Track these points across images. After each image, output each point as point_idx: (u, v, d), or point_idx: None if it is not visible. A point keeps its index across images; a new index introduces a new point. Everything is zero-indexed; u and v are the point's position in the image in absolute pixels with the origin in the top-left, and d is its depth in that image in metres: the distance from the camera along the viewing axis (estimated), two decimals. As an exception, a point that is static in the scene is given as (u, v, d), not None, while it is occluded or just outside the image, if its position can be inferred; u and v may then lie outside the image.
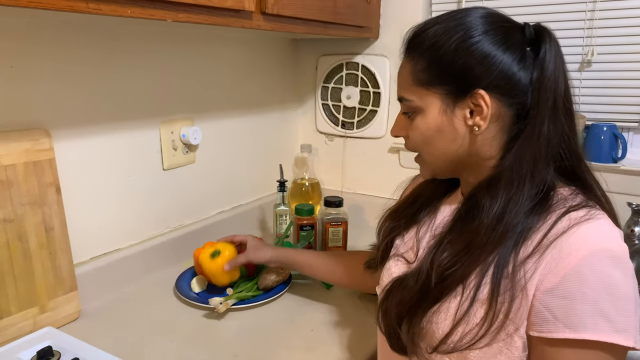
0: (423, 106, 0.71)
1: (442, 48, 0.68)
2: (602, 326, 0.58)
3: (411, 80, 0.72)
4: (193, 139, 1.32)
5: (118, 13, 0.78)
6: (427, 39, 0.70)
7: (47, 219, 1.00)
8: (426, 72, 0.70)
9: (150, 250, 1.27)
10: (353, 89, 1.66)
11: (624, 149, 1.30)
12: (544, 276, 0.61)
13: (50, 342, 0.86)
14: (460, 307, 0.66)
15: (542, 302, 0.61)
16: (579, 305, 0.59)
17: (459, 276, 0.66)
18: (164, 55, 1.26)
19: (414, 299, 0.70)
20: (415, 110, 0.72)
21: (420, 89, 0.71)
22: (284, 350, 0.97)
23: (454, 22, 0.69)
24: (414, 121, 0.73)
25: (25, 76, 0.99)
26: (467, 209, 0.71)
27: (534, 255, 0.63)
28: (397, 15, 1.55)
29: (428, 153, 0.74)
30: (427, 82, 0.70)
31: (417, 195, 0.85)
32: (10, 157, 0.94)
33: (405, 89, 0.73)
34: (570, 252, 0.60)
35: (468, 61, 0.67)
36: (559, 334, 0.60)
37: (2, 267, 0.93)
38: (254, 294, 1.15)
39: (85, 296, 1.09)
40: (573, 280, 0.59)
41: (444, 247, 0.69)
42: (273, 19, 1.11)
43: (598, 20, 1.30)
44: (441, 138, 0.71)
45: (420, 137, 0.73)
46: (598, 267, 0.59)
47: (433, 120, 0.71)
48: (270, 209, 1.58)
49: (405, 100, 0.73)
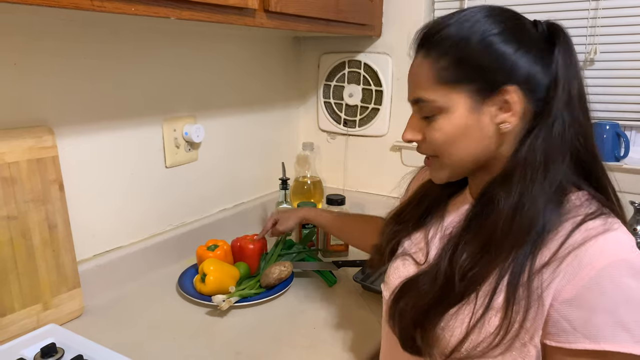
0: (448, 106, 0.68)
1: (469, 45, 0.66)
2: (621, 337, 0.58)
3: (434, 79, 0.68)
4: (195, 136, 1.32)
5: (122, 10, 0.78)
6: (449, 36, 0.67)
7: (51, 216, 1.00)
8: (451, 70, 0.67)
9: (152, 247, 1.27)
10: (355, 87, 1.66)
11: (626, 148, 1.30)
12: (562, 287, 0.61)
13: (53, 339, 0.86)
14: (475, 314, 0.65)
15: (560, 313, 0.61)
16: (598, 316, 0.59)
17: (479, 277, 0.65)
18: (167, 53, 1.26)
19: (432, 302, 0.68)
20: (436, 110, 0.69)
21: (445, 87, 0.67)
22: (287, 347, 0.98)
23: (473, 19, 0.68)
24: (436, 122, 0.69)
25: (29, 74, 0.99)
26: (482, 206, 0.69)
27: (551, 265, 0.62)
28: (400, 14, 1.55)
29: (450, 155, 0.70)
30: (453, 81, 0.67)
31: (423, 196, 0.83)
32: (14, 155, 0.94)
33: (425, 89, 0.69)
34: (589, 262, 0.60)
35: (497, 58, 0.66)
36: (578, 345, 0.60)
37: (6, 264, 0.93)
38: (256, 292, 1.15)
39: (88, 293, 1.09)
40: (592, 291, 0.59)
41: (462, 248, 0.68)
42: (276, 17, 1.11)
43: (601, 18, 1.30)
44: (466, 138, 0.69)
45: (443, 138, 0.69)
46: (617, 278, 0.59)
47: (460, 119, 0.68)
48: (272, 207, 1.58)
49: (424, 101, 0.69)
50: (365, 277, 1.23)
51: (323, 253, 1.40)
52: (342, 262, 1.28)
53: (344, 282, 1.25)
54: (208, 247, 1.23)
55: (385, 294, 0.83)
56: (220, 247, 1.23)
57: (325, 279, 1.24)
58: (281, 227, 1.26)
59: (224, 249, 1.23)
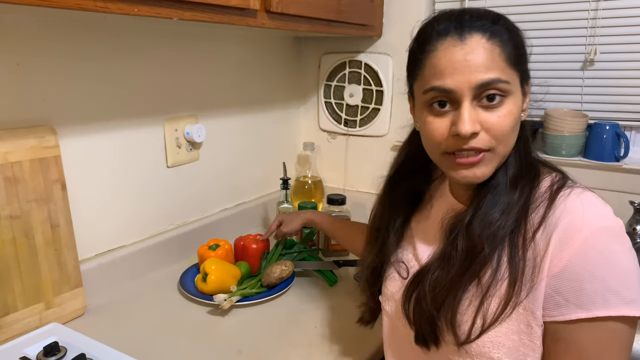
0: (514, 89, 0.66)
1: (520, 34, 0.69)
2: (611, 301, 0.60)
3: (505, 60, 0.65)
4: (197, 136, 1.33)
5: (125, 11, 0.79)
6: (504, 22, 0.68)
7: (53, 215, 1.01)
8: (515, 54, 0.66)
9: (154, 247, 1.28)
10: (356, 87, 1.66)
11: (626, 148, 1.30)
12: (550, 261, 0.63)
13: (56, 337, 0.86)
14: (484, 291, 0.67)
15: (551, 287, 0.63)
16: (587, 284, 0.61)
17: (499, 239, 0.67)
18: (168, 53, 1.27)
19: (454, 277, 0.69)
20: (507, 93, 0.65)
21: (512, 70, 0.66)
22: (288, 346, 0.98)
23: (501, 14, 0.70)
24: (505, 106, 0.65)
25: (32, 73, 1.00)
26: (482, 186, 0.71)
27: (539, 234, 0.65)
28: (401, 14, 1.55)
29: (508, 142, 0.68)
30: (515, 64, 0.66)
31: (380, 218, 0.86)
32: (17, 154, 0.94)
33: (498, 69, 0.64)
34: (573, 234, 0.62)
35: (525, 46, 0.70)
36: (572, 315, 0.62)
37: (9, 263, 0.94)
38: (257, 291, 1.16)
39: (90, 292, 1.09)
40: (579, 262, 0.61)
41: (481, 218, 0.69)
42: (277, 17, 1.11)
43: (601, 19, 1.31)
44: (519, 121, 0.69)
45: (512, 124, 0.66)
46: (600, 246, 0.62)
47: (520, 103, 0.68)
48: (273, 207, 1.59)
49: (501, 81, 0.64)
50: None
51: (324, 252, 1.41)
52: (342, 262, 1.29)
53: (344, 281, 1.25)
54: (209, 246, 1.24)
55: (386, 305, 0.84)
56: (222, 246, 1.23)
57: (326, 279, 1.24)
58: (285, 229, 1.26)
59: (225, 249, 1.23)
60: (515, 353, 0.66)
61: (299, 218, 1.27)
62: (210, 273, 1.13)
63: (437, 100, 0.67)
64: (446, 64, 0.65)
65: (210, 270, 1.13)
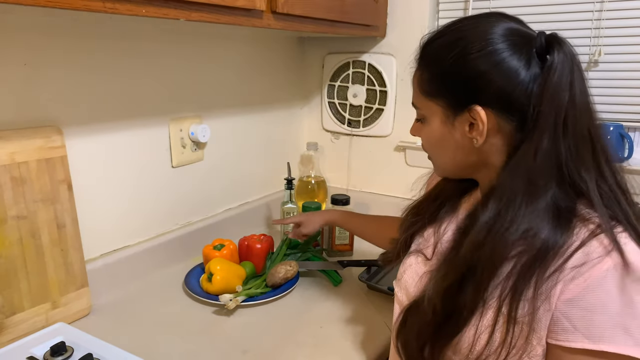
0: (427, 115, 0.74)
1: (443, 62, 0.69)
2: (621, 339, 0.59)
3: (418, 89, 0.74)
4: (202, 136, 1.33)
5: (133, 12, 0.79)
6: (432, 51, 0.72)
7: (59, 215, 1.01)
8: (429, 84, 0.72)
9: (159, 246, 1.28)
10: (359, 88, 1.66)
11: (630, 149, 1.31)
12: (564, 286, 0.61)
13: (62, 337, 0.87)
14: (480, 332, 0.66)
15: (561, 312, 0.61)
16: (599, 316, 0.59)
17: (470, 302, 0.65)
18: (173, 54, 1.27)
19: (431, 330, 0.69)
20: (423, 117, 0.76)
21: (425, 99, 0.73)
22: (293, 346, 0.98)
23: (459, 34, 0.68)
24: (423, 127, 0.76)
25: (38, 74, 1.00)
26: (468, 223, 0.70)
27: (555, 274, 0.62)
28: (404, 15, 1.55)
29: (436, 157, 0.78)
30: (430, 93, 0.72)
31: (439, 192, 0.85)
32: (24, 155, 0.95)
33: (415, 96, 0.76)
34: (594, 264, 0.60)
35: (465, 77, 0.67)
36: (577, 344, 0.60)
37: (16, 263, 0.94)
38: (262, 291, 1.16)
39: (95, 292, 1.10)
40: (594, 292, 0.59)
41: (445, 272, 0.68)
42: (283, 18, 1.11)
43: (605, 20, 1.31)
44: (444, 147, 0.74)
45: (427, 144, 0.78)
46: (620, 280, 0.59)
47: (436, 129, 0.73)
48: (277, 207, 1.59)
49: (415, 107, 0.77)
50: (371, 277, 1.23)
51: (328, 253, 1.41)
52: (347, 262, 1.29)
53: (349, 281, 1.25)
54: (214, 246, 1.24)
55: (398, 291, 0.84)
56: (227, 246, 1.24)
57: (330, 279, 1.25)
58: (305, 230, 1.25)
59: (230, 249, 1.23)
60: None
61: (321, 219, 1.26)
62: (215, 273, 1.13)
63: None
64: None
65: (215, 270, 1.13)
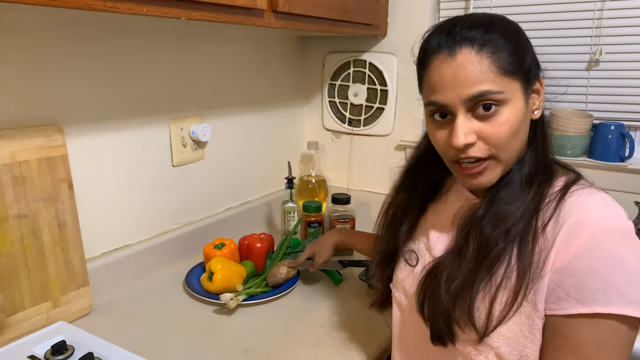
0: (511, 97, 0.67)
1: (519, 37, 0.69)
2: (613, 299, 0.61)
3: (496, 70, 0.66)
4: (202, 135, 1.33)
5: (134, 11, 0.79)
6: (499, 28, 0.68)
7: (60, 214, 1.01)
8: (509, 61, 0.67)
9: (160, 245, 1.28)
10: (360, 87, 1.66)
11: (631, 148, 1.30)
12: (555, 256, 0.64)
13: (63, 336, 0.87)
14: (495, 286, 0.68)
15: (554, 281, 0.64)
16: (590, 281, 0.61)
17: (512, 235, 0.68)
18: (174, 53, 1.27)
19: (468, 272, 0.70)
20: (501, 102, 0.67)
21: (506, 78, 0.67)
22: (294, 345, 0.98)
23: (502, 18, 0.71)
24: (501, 115, 0.67)
25: (39, 73, 1.00)
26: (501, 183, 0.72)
27: (547, 230, 0.66)
28: (405, 14, 1.55)
29: (510, 149, 0.69)
30: (512, 71, 0.67)
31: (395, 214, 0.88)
32: (25, 154, 0.95)
33: (489, 81, 0.66)
34: (580, 231, 0.63)
35: (532, 51, 0.71)
36: (572, 310, 0.62)
37: (17, 262, 0.94)
38: (263, 290, 1.16)
39: (96, 291, 1.10)
40: (583, 258, 0.62)
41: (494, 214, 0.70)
42: (284, 17, 1.11)
43: (606, 19, 1.31)
44: (524, 128, 0.70)
45: (511, 130, 0.68)
46: (607, 244, 0.62)
47: (521, 109, 0.68)
48: (277, 206, 1.59)
49: (492, 93, 0.66)
50: (371, 276, 1.23)
51: (328, 252, 1.41)
52: (348, 262, 1.29)
53: (349, 281, 1.25)
54: (215, 245, 1.24)
55: (395, 292, 0.84)
56: (227, 245, 1.24)
57: (331, 278, 1.25)
58: (321, 259, 1.20)
59: (230, 248, 1.23)
60: (515, 343, 0.67)
61: (330, 243, 1.22)
62: (216, 272, 1.13)
63: (438, 112, 0.70)
64: (437, 81, 0.68)
65: (216, 270, 1.13)
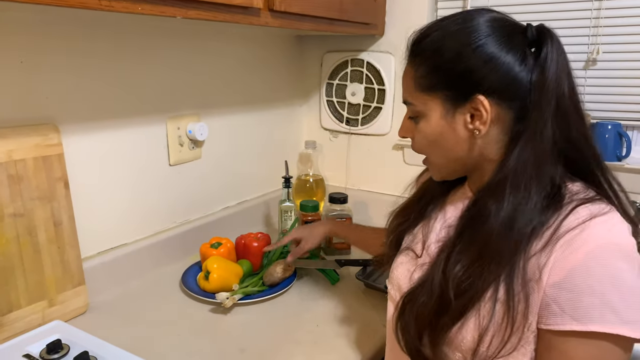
0: (425, 111, 0.72)
1: (443, 54, 0.69)
2: (608, 318, 0.59)
3: (413, 85, 0.73)
4: (199, 134, 1.33)
5: (129, 10, 0.79)
6: (428, 45, 0.71)
7: (56, 213, 1.01)
8: (427, 78, 0.71)
9: (156, 244, 1.28)
10: (358, 86, 1.66)
11: (628, 148, 1.30)
12: (551, 270, 0.62)
13: (59, 335, 0.86)
14: (483, 316, 0.66)
15: (549, 296, 0.62)
16: (585, 297, 0.60)
17: (477, 289, 0.65)
18: (171, 52, 1.27)
19: (432, 314, 0.68)
20: (418, 114, 0.73)
21: (422, 94, 0.72)
22: (290, 344, 0.98)
23: (456, 26, 0.70)
24: (418, 125, 0.74)
25: (35, 72, 1.00)
26: (475, 214, 0.70)
27: (545, 249, 0.63)
28: (403, 13, 1.55)
29: (434, 156, 0.76)
30: (428, 88, 0.71)
31: (424, 192, 0.86)
32: (21, 152, 0.95)
33: (409, 93, 0.74)
34: (578, 246, 0.61)
35: (467, 67, 0.67)
36: (566, 326, 0.61)
37: (12, 261, 0.94)
38: (259, 289, 1.16)
39: (92, 290, 1.10)
40: (580, 273, 0.60)
41: (455, 258, 0.68)
42: (280, 16, 1.11)
43: (604, 19, 1.31)
44: (444, 142, 0.72)
45: (425, 140, 0.74)
46: (605, 260, 0.60)
47: (435, 124, 0.72)
48: (275, 205, 1.59)
49: (408, 103, 0.75)
50: (368, 275, 1.24)
51: (326, 251, 1.41)
52: (344, 261, 1.29)
53: (346, 280, 1.25)
54: (212, 244, 1.24)
55: (390, 288, 0.84)
56: (224, 244, 1.24)
57: (328, 277, 1.25)
58: (308, 245, 1.20)
59: (227, 247, 1.24)
60: (506, 356, 0.65)
61: (320, 231, 1.21)
62: (212, 271, 1.13)
63: None
64: None
65: (212, 269, 1.13)
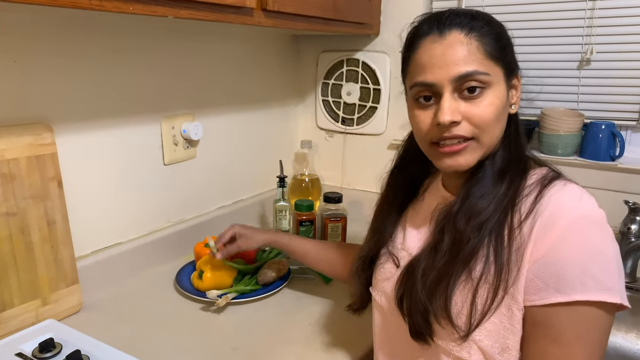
0: (495, 80, 0.69)
1: (496, 28, 0.71)
2: (589, 286, 0.62)
3: (483, 53, 0.68)
4: (194, 134, 1.33)
5: (120, 10, 0.79)
6: (484, 19, 0.71)
7: (49, 212, 1.01)
8: (495, 46, 0.69)
9: (151, 244, 1.28)
10: (353, 86, 1.67)
11: (621, 148, 1.31)
12: (533, 247, 0.65)
13: (52, 334, 0.87)
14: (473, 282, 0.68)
15: (533, 272, 0.65)
16: (567, 269, 0.63)
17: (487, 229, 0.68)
18: (166, 51, 1.27)
19: (443, 267, 0.70)
20: (486, 85, 0.68)
21: (492, 62, 0.69)
22: (283, 343, 0.99)
23: (483, 12, 0.73)
24: (485, 97, 0.68)
25: (28, 71, 1.00)
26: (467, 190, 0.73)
27: (527, 223, 0.67)
28: (398, 13, 1.55)
29: (492, 132, 0.70)
30: (497, 57, 0.69)
31: (393, 193, 0.89)
32: (14, 151, 0.95)
33: (476, 62, 0.67)
34: (555, 222, 0.64)
35: (512, 48, 0.72)
36: (551, 299, 0.63)
37: (5, 260, 0.94)
38: (253, 288, 1.16)
39: (86, 289, 1.10)
40: (560, 247, 0.63)
41: (467, 209, 0.71)
42: (274, 16, 1.11)
43: (597, 18, 1.31)
44: (504, 116, 0.72)
45: (495, 113, 0.69)
46: (581, 232, 0.64)
47: (503, 94, 0.70)
48: (270, 205, 1.59)
49: (479, 73, 0.67)
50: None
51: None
52: (338, 260, 1.29)
53: (340, 279, 1.26)
54: (206, 243, 1.23)
55: (376, 295, 0.84)
56: None
57: (321, 277, 1.25)
58: (244, 244, 1.12)
59: (221, 246, 1.24)
60: (496, 336, 0.67)
61: (260, 237, 1.13)
62: (206, 270, 1.13)
63: (422, 95, 0.71)
64: (427, 60, 0.69)
65: (206, 268, 1.13)
